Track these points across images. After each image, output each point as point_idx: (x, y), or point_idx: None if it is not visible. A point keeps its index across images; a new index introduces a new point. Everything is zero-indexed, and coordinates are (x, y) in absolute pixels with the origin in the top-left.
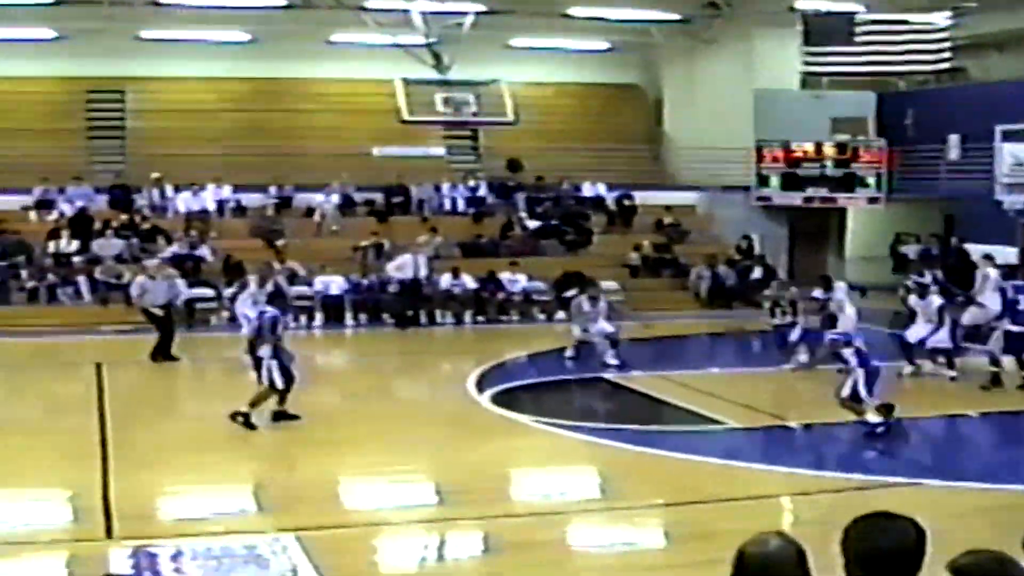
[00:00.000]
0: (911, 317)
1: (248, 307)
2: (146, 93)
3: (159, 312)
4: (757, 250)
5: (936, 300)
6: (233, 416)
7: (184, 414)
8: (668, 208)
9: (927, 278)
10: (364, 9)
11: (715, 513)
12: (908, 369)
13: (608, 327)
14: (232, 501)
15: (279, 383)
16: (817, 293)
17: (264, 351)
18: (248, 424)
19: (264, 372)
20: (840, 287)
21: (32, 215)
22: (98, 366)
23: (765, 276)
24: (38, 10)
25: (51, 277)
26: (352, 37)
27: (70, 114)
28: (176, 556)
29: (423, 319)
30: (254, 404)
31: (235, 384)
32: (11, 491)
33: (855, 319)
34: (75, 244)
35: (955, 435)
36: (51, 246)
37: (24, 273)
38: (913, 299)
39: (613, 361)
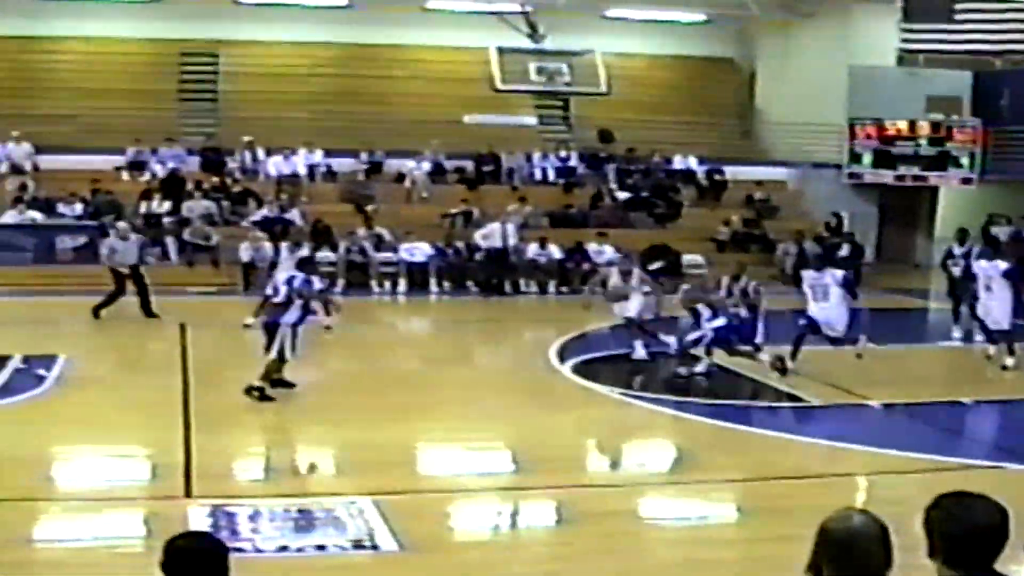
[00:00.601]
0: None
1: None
2: (239, 56)
3: (125, 271)
4: (846, 228)
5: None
6: (248, 391)
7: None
8: (758, 183)
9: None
10: None
11: (792, 489)
12: (993, 350)
13: (630, 309)
14: (311, 462)
15: (289, 355)
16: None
17: (287, 318)
18: (265, 397)
19: (277, 341)
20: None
21: (125, 175)
22: (182, 326)
23: (852, 254)
24: None
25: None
26: (448, 4)
27: (164, 76)
28: (254, 516)
29: (507, 288)
30: (267, 375)
31: (316, 346)
32: (94, 448)
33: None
34: (166, 205)
35: None
36: (143, 206)
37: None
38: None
39: (639, 354)
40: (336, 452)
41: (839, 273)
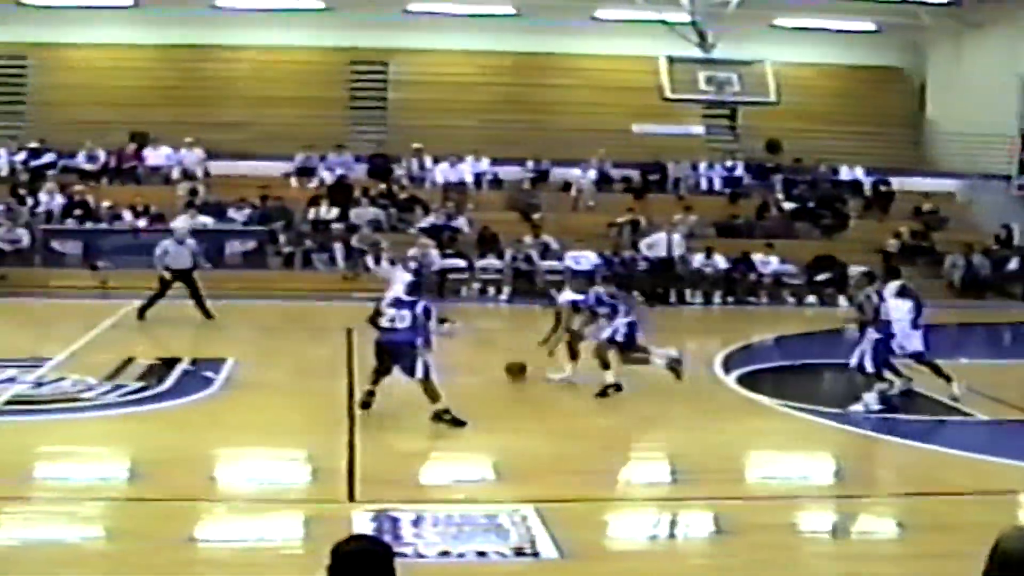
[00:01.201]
0: None
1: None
2: (409, 65)
3: (167, 276)
4: (1016, 240)
5: None
6: (437, 417)
7: None
8: (927, 195)
9: None
10: None
11: (956, 506)
12: None
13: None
14: (473, 469)
15: (432, 375)
16: None
17: (419, 341)
18: (456, 420)
19: (420, 366)
20: None
21: (293, 182)
22: (348, 331)
23: (1022, 267)
24: None
25: (308, 243)
26: (617, 13)
27: (334, 84)
28: (417, 521)
29: (672, 298)
30: (436, 399)
31: (483, 353)
32: (259, 450)
33: None
34: (334, 211)
35: None
36: (311, 213)
37: (282, 238)
38: None
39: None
40: (498, 459)
41: None
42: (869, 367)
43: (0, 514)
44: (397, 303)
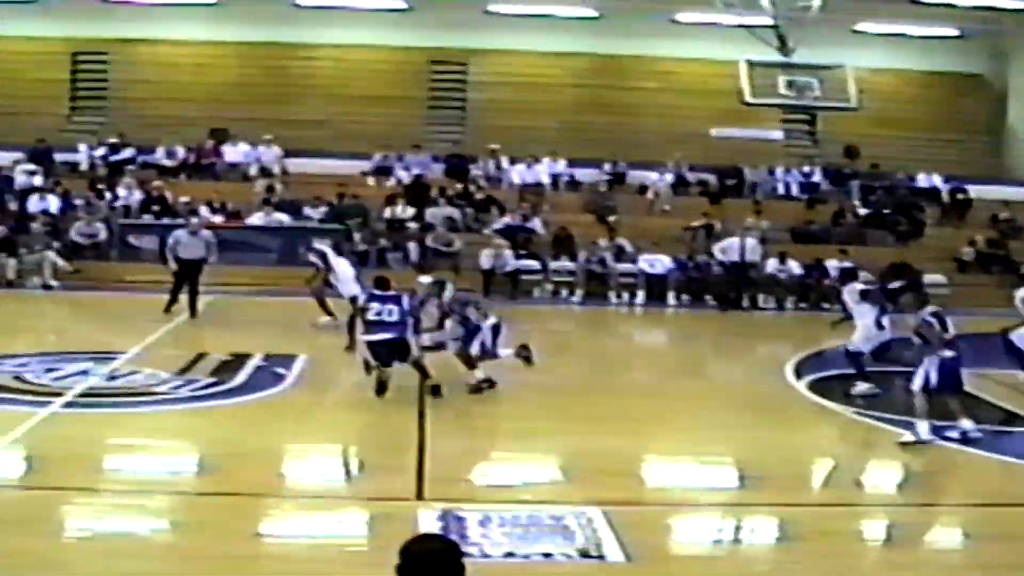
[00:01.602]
0: None
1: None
2: (488, 65)
3: (174, 266)
4: None
5: None
6: (477, 389)
7: (494, 379)
8: (1006, 203)
9: None
10: None
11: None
12: None
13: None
14: (540, 469)
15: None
16: None
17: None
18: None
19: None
20: None
21: (370, 180)
22: None
23: None
24: None
25: (383, 241)
26: (697, 17)
27: (413, 83)
28: (484, 521)
29: (745, 302)
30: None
31: (550, 354)
32: (327, 446)
33: None
34: (410, 211)
35: None
36: (387, 211)
37: (357, 236)
38: None
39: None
40: (565, 460)
41: None
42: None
43: (71, 504)
44: (379, 299)
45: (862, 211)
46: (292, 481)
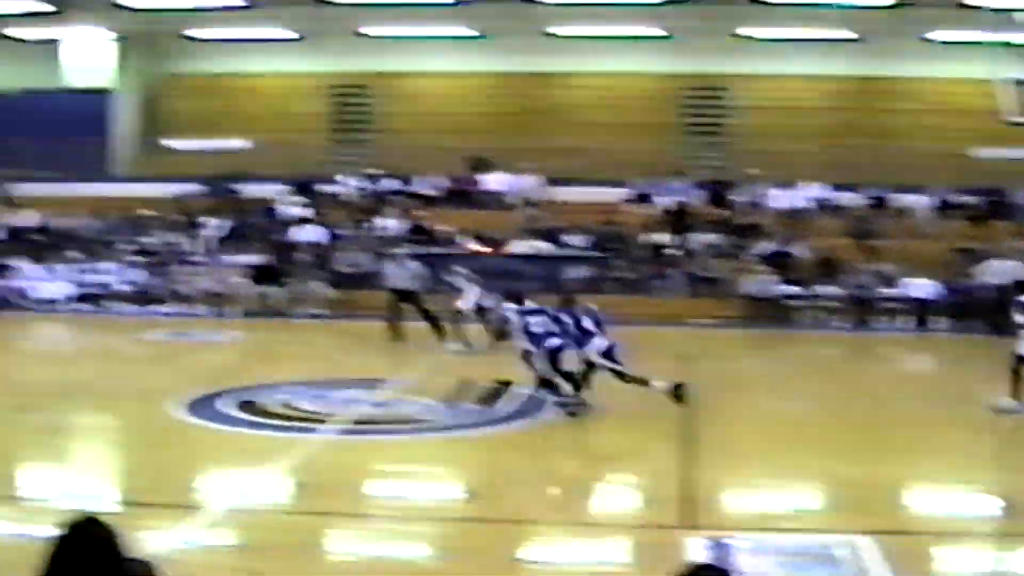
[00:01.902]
0: None
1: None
2: (747, 91)
3: (393, 295)
4: None
5: None
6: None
7: (760, 406)
8: None
9: None
10: (969, 7)
11: None
12: None
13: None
14: (807, 496)
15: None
16: None
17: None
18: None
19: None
20: None
21: (631, 207)
22: (683, 357)
23: None
24: (642, 9)
25: (644, 268)
26: (955, 35)
27: (670, 110)
28: (751, 550)
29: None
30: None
31: (812, 380)
32: (594, 473)
33: None
34: (671, 237)
35: None
36: (648, 238)
37: (618, 263)
38: None
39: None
40: (833, 486)
41: None
42: None
43: (338, 529)
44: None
45: None
46: (556, 508)
